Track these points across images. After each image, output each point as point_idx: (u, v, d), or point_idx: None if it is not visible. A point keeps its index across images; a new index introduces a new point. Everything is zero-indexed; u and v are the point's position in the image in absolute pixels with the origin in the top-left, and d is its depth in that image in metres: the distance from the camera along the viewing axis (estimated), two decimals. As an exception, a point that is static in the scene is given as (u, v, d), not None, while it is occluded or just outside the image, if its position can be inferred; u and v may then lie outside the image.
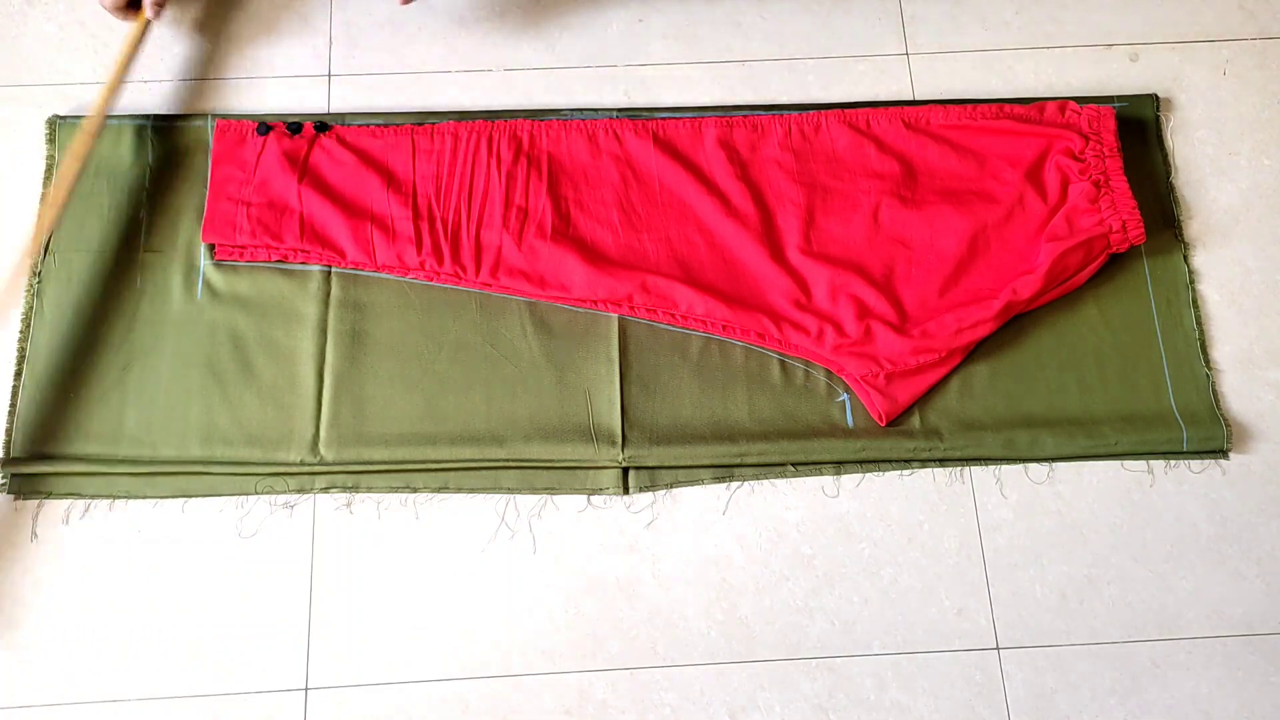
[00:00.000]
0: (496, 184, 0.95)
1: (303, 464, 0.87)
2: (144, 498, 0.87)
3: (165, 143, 0.97)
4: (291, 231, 0.92)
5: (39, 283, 0.92)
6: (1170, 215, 0.98)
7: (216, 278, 0.92)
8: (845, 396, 0.91)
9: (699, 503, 0.89)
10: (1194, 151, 1.01)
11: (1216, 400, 0.91)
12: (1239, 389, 0.93)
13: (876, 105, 1.00)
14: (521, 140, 0.97)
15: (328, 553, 0.87)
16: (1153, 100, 1.02)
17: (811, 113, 0.98)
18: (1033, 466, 0.90)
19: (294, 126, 0.96)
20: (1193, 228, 0.98)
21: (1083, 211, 0.92)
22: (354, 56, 1.03)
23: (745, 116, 0.98)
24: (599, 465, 0.88)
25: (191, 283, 0.92)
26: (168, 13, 0.96)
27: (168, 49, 1.02)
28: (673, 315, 0.91)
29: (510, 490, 0.88)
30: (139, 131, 0.97)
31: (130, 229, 0.94)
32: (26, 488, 0.87)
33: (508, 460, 0.88)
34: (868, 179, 0.96)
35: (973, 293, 0.92)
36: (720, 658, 0.85)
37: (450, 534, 0.88)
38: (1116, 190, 0.92)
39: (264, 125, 0.96)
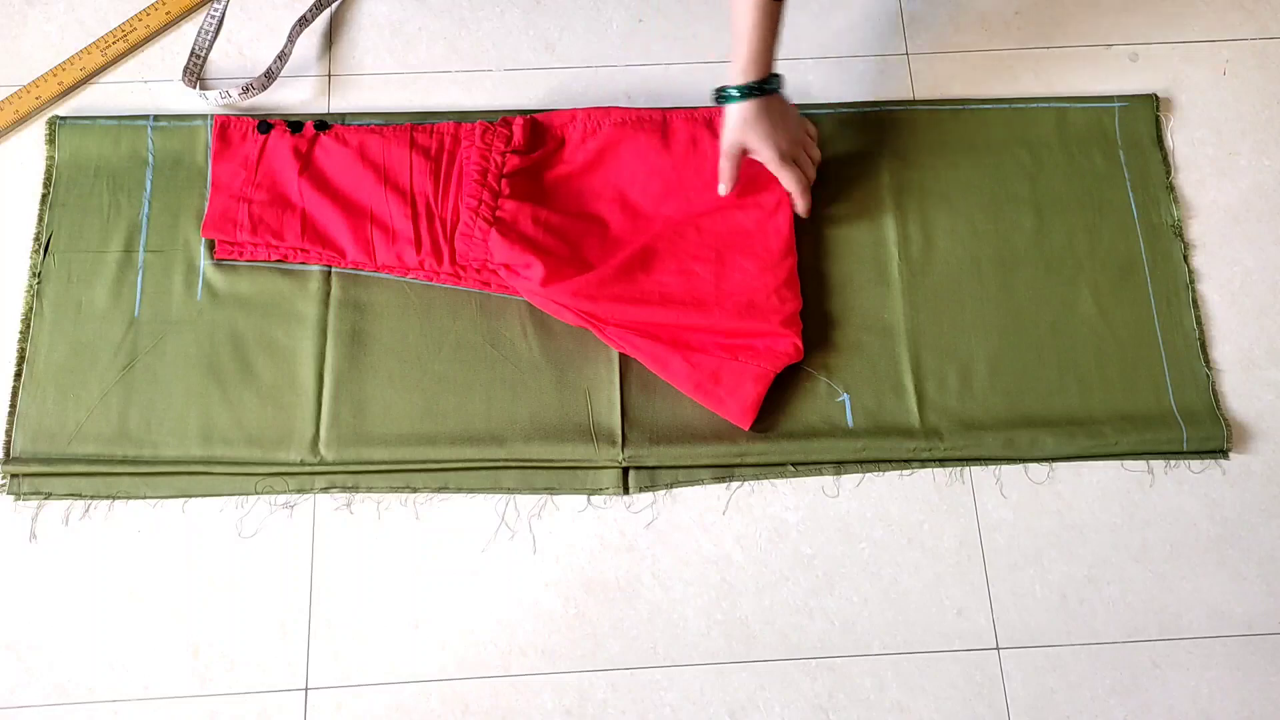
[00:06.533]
0: (496, 184, 0.95)
1: (303, 464, 0.87)
2: (144, 498, 0.87)
3: (165, 143, 0.97)
4: (292, 230, 0.92)
5: (39, 283, 0.92)
6: (1170, 215, 0.98)
7: (216, 278, 0.92)
8: (845, 396, 0.91)
9: (699, 503, 0.89)
10: (1194, 151, 1.01)
11: (1216, 400, 0.91)
12: (1239, 389, 0.93)
13: (877, 105, 1.00)
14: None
15: (328, 553, 0.87)
16: (1153, 100, 1.02)
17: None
18: (1033, 466, 0.90)
19: (295, 125, 0.96)
20: (1193, 228, 0.98)
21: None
22: (354, 56, 1.03)
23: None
24: (599, 465, 0.88)
25: (191, 283, 0.92)
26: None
27: (168, 49, 1.02)
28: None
29: (510, 490, 0.88)
30: (139, 131, 0.97)
31: (130, 229, 0.94)
32: (26, 488, 0.87)
33: (508, 460, 0.88)
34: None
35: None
36: (720, 658, 0.85)
37: (450, 534, 0.87)
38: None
39: (265, 123, 0.96)
